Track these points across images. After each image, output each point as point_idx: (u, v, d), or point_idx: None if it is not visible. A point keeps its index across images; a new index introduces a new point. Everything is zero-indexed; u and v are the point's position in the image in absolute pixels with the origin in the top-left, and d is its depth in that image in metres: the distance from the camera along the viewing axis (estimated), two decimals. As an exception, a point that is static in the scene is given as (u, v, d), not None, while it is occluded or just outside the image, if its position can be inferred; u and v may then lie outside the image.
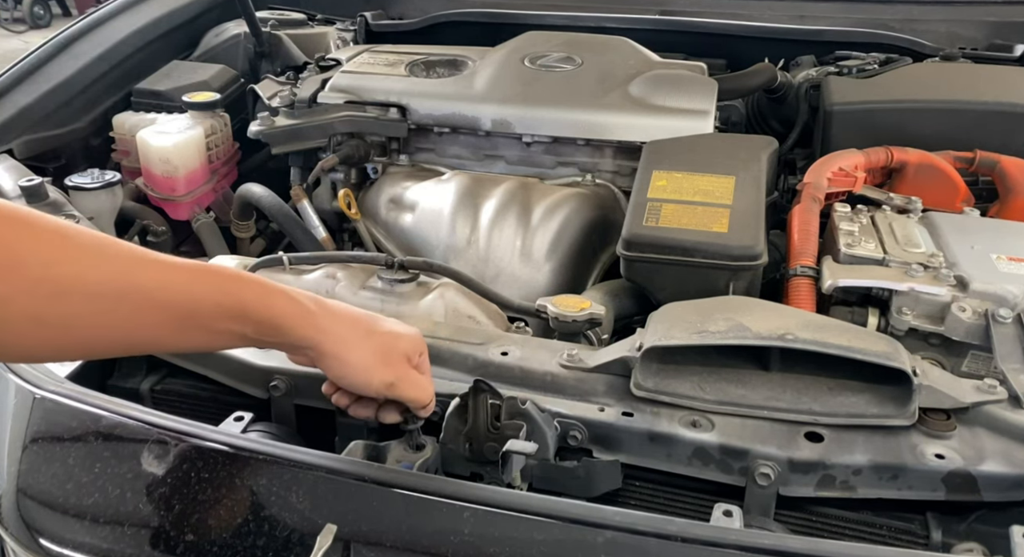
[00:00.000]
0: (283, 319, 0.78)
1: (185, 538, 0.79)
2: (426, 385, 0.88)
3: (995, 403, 0.92)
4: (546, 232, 1.47)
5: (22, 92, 1.63)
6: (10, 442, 0.91)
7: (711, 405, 0.94)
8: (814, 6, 2.12)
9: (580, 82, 1.66)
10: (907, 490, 0.87)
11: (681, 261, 1.21)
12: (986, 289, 1.09)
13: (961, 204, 1.41)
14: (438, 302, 1.21)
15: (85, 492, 0.83)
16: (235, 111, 1.84)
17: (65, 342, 0.68)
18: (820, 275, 1.19)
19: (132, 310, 0.69)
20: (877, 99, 1.56)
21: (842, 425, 0.91)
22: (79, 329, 0.67)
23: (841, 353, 0.90)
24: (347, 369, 0.83)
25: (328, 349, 0.81)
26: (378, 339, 0.85)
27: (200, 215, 1.70)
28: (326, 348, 0.81)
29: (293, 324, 0.79)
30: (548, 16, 2.04)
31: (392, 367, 0.85)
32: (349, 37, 2.14)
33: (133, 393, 1.12)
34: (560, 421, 0.93)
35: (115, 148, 1.75)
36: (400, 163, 1.72)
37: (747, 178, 1.33)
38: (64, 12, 8.85)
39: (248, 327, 0.76)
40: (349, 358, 0.82)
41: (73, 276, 0.65)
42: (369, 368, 0.83)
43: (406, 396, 0.86)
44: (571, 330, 1.14)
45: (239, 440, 0.86)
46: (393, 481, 0.79)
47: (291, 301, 0.79)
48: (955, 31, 1.99)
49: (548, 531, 0.74)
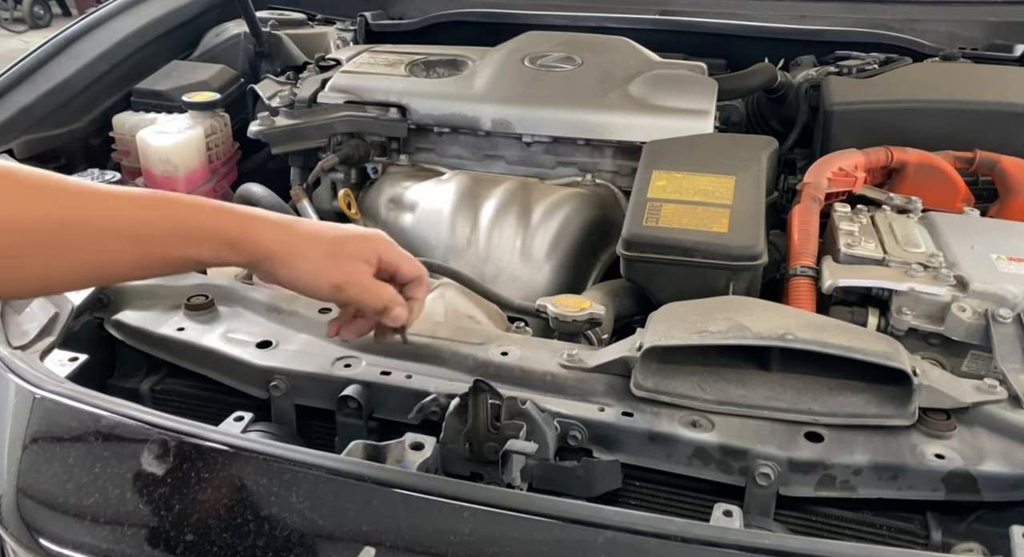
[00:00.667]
0: (233, 235, 0.79)
1: (185, 538, 0.79)
2: (378, 289, 0.87)
3: (995, 403, 0.92)
4: (546, 232, 1.47)
5: (22, 92, 1.63)
6: (10, 442, 0.91)
7: (711, 405, 0.94)
8: (814, 6, 2.12)
9: (580, 82, 1.66)
10: (907, 490, 0.87)
11: (681, 261, 1.21)
12: (986, 289, 1.09)
13: (961, 204, 1.41)
14: (438, 302, 1.21)
15: (85, 492, 0.83)
16: (235, 111, 1.84)
17: (21, 274, 0.72)
18: (820, 275, 1.19)
19: (80, 241, 0.73)
20: (877, 99, 1.56)
21: (842, 425, 0.91)
22: (29, 261, 0.71)
23: (841, 353, 0.90)
24: (296, 273, 0.83)
25: (278, 257, 0.81)
26: (328, 243, 0.85)
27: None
28: (276, 256, 0.81)
29: (243, 239, 0.80)
30: (548, 16, 2.04)
31: (341, 269, 0.84)
32: (349, 37, 2.14)
33: (133, 393, 1.12)
34: (560, 421, 0.92)
35: (115, 148, 1.75)
36: (400, 163, 1.72)
37: (747, 178, 1.33)
38: (64, 12, 8.86)
39: (203, 248, 0.78)
40: (297, 263, 0.82)
41: (10, 212, 0.69)
42: (318, 272, 0.83)
43: (355, 299, 0.85)
44: (571, 330, 1.14)
45: (239, 440, 0.86)
46: (393, 481, 0.79)
47: (238, 217, 0.80)
48: (955, 31, 1.99)
49: (548, 531, 0.74)
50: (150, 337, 1.09)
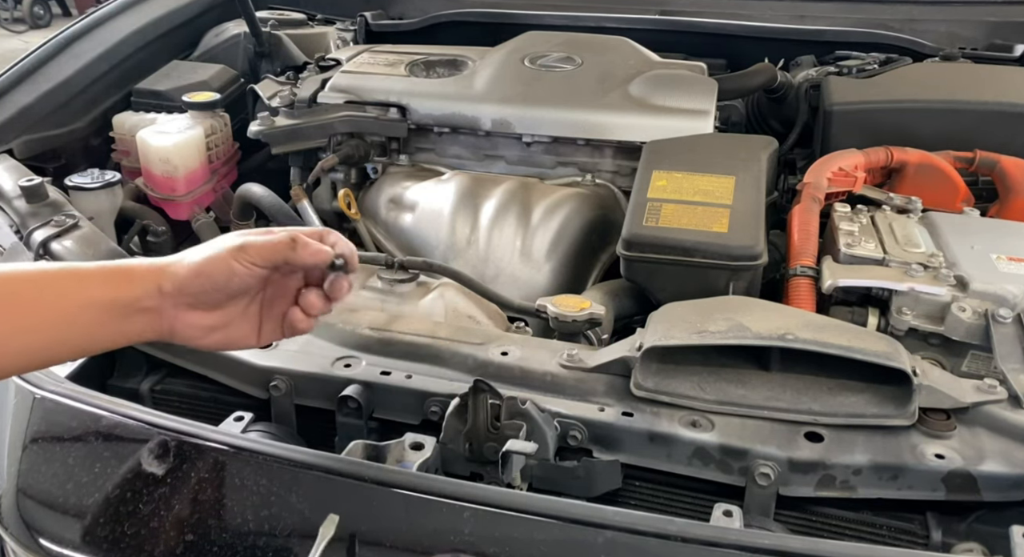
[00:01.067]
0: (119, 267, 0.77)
1: (185, 538, 0.79)
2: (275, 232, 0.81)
3: (995, 403, 0.92)
4: (546, 232, 1.47)
5: (22, 92, 1.63)
6: (10, 442, 0.91)
7: (711, 405, 0.94)
8: (814, 6, 2.12)
9: (580, 82, 1.66)
10: (907, 490, 0.87)
11: (681, 261, 1.21)
12: (986, 289, 1.09)
13: (961, 204, 1.41)
14: (438, 302, 1.21)
15: (85, 492, 0.84)
16: (235, 111, 1.84)
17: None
18: (820, 275, 1.19)
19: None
20: (877, 99, 1.56)
21: (842, 425, 0.91)
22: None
23: (841, 353, 0.90)
24: (196, 261, 0.78)
25: (169, 260, 0.79)
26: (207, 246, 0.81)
27: (200, 215, 1.69)
28: (167, 260, 0.79)
29: (131, 265, 0.78)
30: (548, 16, 2.04)
31: (230, 239, 0.80)
32: (349, 37, 2.14)
33: (133, 393, 1.12)
34: (560, 421, 0.93)
35: (115, 148, 1.75)
36: (400, 163, 1.72)
37: (747, 178, 1.33)
38: (64, 12, 8.86)
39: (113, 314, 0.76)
40: (191, 255, 0.79)
41: None
42: (213, 246, 0.79)
43: (259, 242, 0.79)
44: (571, 330, 1.14)
45: (239, 440, 0.86)
46: (393, 481, 0.79)
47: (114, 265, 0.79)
48: (955, 31, 1.99)
49: (548, 531, 0.74)
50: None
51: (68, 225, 1.24)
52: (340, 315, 1.10)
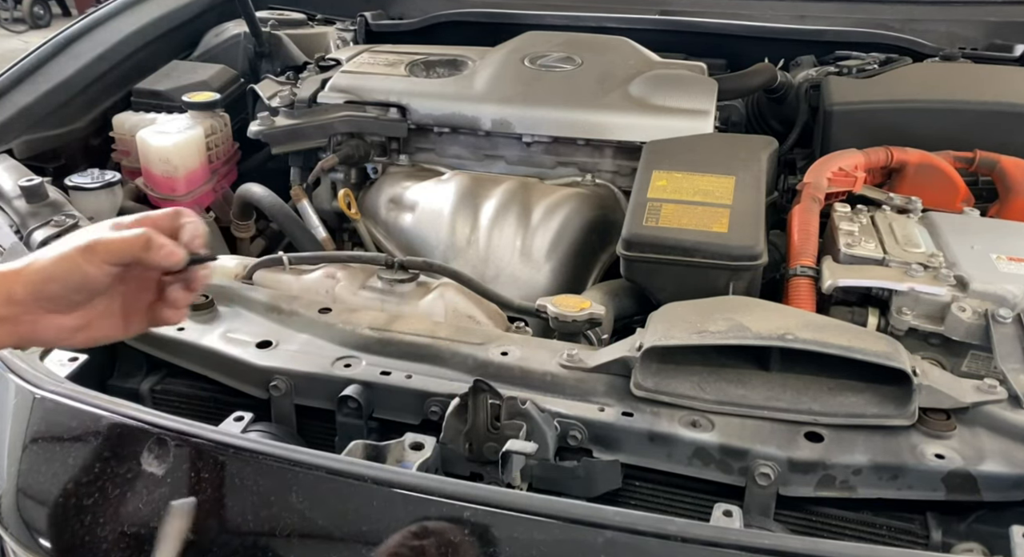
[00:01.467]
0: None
1: (185, 538, 0.79)
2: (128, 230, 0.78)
3: (995, 403, 0.92)
4: (546, 232, 1.47)
5: (22, 92, 1.63)
6: (10, 442, 0.91)
7: (711, 405, 0.94)
8: (814, 6, 2.12)
9: (580, 82, 1.66)
10: (907, 490, 0.87)
11: (681, 261, 1.21)
12: (986, 289, 1.09)
13: (961, 204, 1.41)
14: (438, 302, 1.21)
15: (85, 492, 0.83)
16: (235, 111, 1.84)
17: None
18: (820, 275, 1.19)
19: None
20: (877, 99, 1.56)
21: (842, 425, 0.91)
22: None
23: (841, 353, 0.90)
24: (45, 271, 0.75)
25: (16, 265, 0.75)
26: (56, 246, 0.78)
27: (200, 215, 1.70)
28: (13, 265, 0.75)
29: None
30: (548, 16, 2.04)
31: (79, 237, 0.77)
32: (349, 37, 2.14)
33: (133, 393, 1.12)
34: (560, 421, 0.93)
35: (115, 148, 1.75)
36: (400, 163, 1.72)
37: (747, 178, 1.33)
38: (64, 12, 8.86)
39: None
40: (37, 260, 0.76)
41: None
42: (62, 250, 0.76)
43: (108, 240, 0.76)
44: (571, 330, 1.14)
45: (239, 440, 0.86)
46: (393, 481, 0.79)
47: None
48: (955, 31, 1.99)
49: (548, 531, 0.74)
50: (150, 337, 1.09)
51: (68, 225, 1.25)
52: (340, 315, 1.10)
